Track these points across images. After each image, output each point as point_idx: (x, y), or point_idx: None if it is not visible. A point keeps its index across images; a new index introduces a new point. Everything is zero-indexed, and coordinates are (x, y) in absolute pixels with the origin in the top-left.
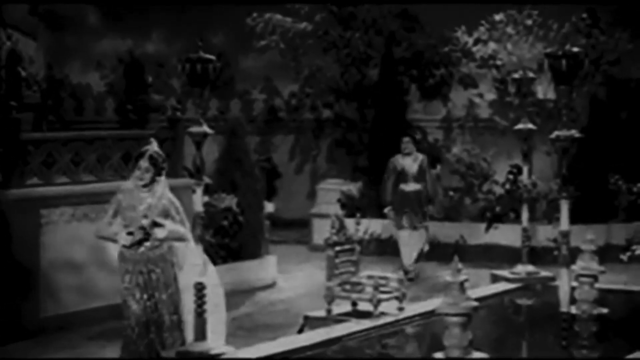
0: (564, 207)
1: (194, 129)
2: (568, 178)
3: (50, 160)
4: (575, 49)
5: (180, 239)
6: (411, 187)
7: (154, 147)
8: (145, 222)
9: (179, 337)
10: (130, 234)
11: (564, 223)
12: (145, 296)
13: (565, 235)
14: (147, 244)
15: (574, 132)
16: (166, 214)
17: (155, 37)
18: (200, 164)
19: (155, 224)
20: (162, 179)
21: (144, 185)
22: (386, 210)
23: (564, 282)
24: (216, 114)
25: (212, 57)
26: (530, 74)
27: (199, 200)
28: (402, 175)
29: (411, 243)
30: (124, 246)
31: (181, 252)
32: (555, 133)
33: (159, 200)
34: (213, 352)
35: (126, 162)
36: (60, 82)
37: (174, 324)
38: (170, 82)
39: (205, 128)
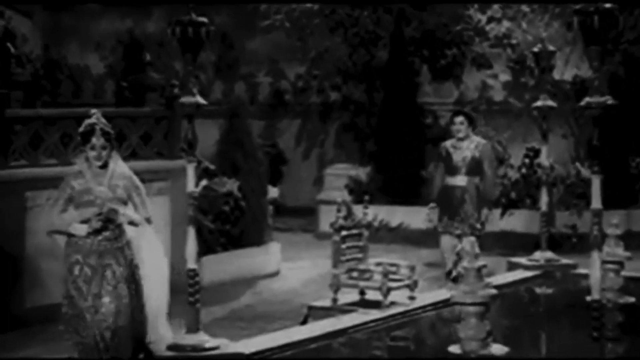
0: (596, 183)
1: (186, 99)
2: (599, 150)
3: (37, 140)
4: (608, 5)
5: (136, 224)
6: (458, 180)
7: (100, 119)
8: (105, 209)
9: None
10: (85, 222)
11: (596, 201)
12: (95, 292)
13: (598, 214)
14: (107, 233)
15: (607, 99)
16: (128, 195)
17: (156, 17)
18: (192, 138)
19: (112, 210)
20: (115, 154)
21: (102, 166)
22: (428, 207)
23: (595, 267)
24: (220, 98)
25: (205, 19)
26: (551, 47)
27: (191, 179)
28: (449, 166)
29: (452, 250)
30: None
31: (135, 242)
32: (586, 99)
33: (120, 179)
34: (207, 345)
35: (120, 143)
36: (56, 62)
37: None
38: (172, 63)
39: (199, 98)
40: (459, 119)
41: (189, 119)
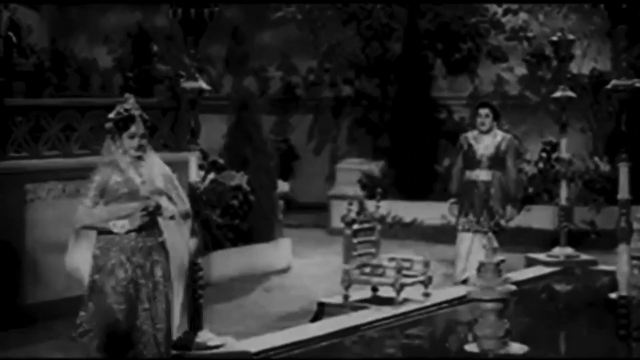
0: (623, 171)
1: (188, 84)
2: (626, 136)
3: (38, 131)
4: None
5: (176, 218)
6: (481, 175)
7: (136, 105)
8: (152, 203)
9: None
10: (123, 218)
11: (623, 190)
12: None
13: (625, 204)
14: (151, 228)
15: (635, 81)
16: (167, 188)
17: (165, 10)
18: (195, 126)
19: (157, 205)
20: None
21: (140, 157)
22: (449, 202)
23: (622, 261)
24: (230, 92)
25: None
26: (570, 36)
27: (194, 168)
28: (470, 159)
29: (472, 252)
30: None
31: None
32: (613, 82)
33: (158, 171)
34: (211, 343)
35: None
36: (63, 55)
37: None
38: (181, 57)
39: (202, 83)
40: (485, 111)
41: (192, 105)
